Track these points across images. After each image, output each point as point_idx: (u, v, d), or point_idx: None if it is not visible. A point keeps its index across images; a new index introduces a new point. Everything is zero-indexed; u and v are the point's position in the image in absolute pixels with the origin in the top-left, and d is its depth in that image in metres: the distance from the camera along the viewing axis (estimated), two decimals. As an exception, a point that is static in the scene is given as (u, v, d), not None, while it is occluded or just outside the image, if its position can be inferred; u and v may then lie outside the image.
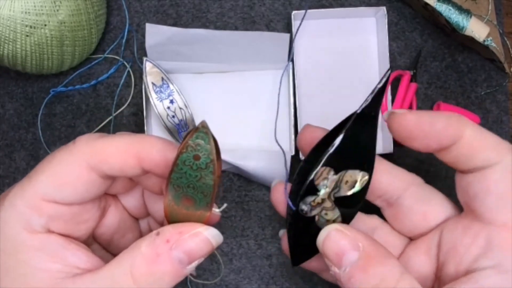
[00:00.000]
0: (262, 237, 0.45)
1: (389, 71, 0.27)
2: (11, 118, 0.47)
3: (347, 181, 0.26)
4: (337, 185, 0.27)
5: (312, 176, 0.26)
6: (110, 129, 0.46)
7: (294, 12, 0.45)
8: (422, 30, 0.48)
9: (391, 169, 0.29)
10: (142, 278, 0.25)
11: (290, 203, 0.27)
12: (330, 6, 0.48)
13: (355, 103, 0.47)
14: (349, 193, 0.26)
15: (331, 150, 0.26)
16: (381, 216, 0.31)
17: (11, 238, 0.26)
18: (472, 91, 0.47)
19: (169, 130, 0.45)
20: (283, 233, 0.31)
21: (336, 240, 0.26)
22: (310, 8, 0.47)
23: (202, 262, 0.27)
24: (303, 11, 0.45)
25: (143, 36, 0.44)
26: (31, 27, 0.39)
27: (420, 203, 0.29)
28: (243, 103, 0.46)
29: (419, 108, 0.47)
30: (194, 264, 0.26)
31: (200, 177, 0.25)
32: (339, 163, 0.26)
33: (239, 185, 0.46)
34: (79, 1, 0.41)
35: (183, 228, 0.26)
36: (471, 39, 0.44)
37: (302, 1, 0.48)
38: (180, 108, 0.45)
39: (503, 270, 0.25)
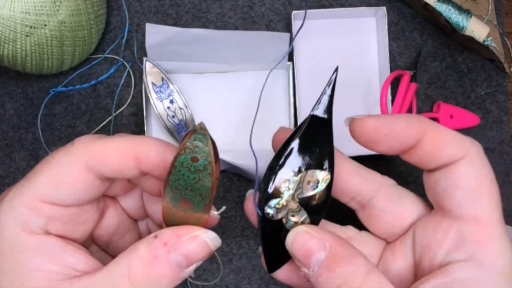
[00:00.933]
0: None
1: (336, 72, 0.27)
2: (11, 118, 0.47)
3: (309, 181, 0.27)
4: (299, 186, 0.27)
5: (273, 180, 0.27)
6: (110, 129, 0.46)
7: (294, 12, 0.45)
8: (422, 30, 0.48)
9: (361, 171, 0.30)
10: (139, 280, 0.25)
11: (257, 209, 0.28)
12: (330, 6, 0.48)
13: (355, 103, 0.47)
14: (312, 193, 0.27)
15: (289, 153, 0.27)
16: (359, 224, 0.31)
17: (10, 239, 0.26)
18: (472, 91, 0.47)
19: (169, 130, 0.45)
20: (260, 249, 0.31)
21: (303, 241, 0.26)
22: (310, 8, 0.47)
23: (202, 263, 0.27)
24: (303, 11, 0.45)
25: (143, 36, 0.44)
26: (31, 27, 0.39)
27: (392, 203, 0.29)
28: (243, 103, 0.46)
29: (419, 108, 0.47)
30: (192, 267, 0.26)
31: (198, 179, 0.25)
32: (299, 165, 0.27)
33: (239, 185, 0.46)
34: (79, 1, 0.41)
35: (181, 231, 0.26)
36: (471, 39, 0.44)
37: (302, 1, 0.48)
38: (180, 108, 0.45)
39: (476, 263, 0.25)
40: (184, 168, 0.25)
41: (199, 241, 0.26)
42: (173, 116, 0.45)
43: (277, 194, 0.27)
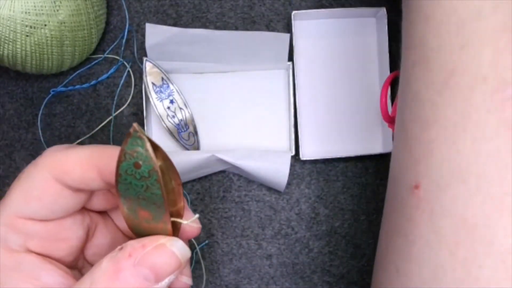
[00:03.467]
0: (262, 237, 0.45)
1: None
2: (11, 118, 0.47)
3: None
4: None
5: None
6: (110, 129, 0.46)
7: (294, 12, 0.45)
8: (422, 30, 0.48)
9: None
10: None
11: None
12: (330, 6, 0.48)
13: (355, 103, 0.47)
14: None
15: None
16: None
17: None
18: (472, 91, 0.47)
19: (169, 130, 0.45)
20: None
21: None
22: (310, 8, 0.47)
23: (201, 261, 0.27)
24: (303, 11, 0.45)
25: (143, 36, 0.44)
26: (31, 27, 0.39)
27: None
28: (243, 103, 0.46)
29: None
30: (164, 282, 0.24)
31: (147, 187, 0.23)
32: None
33: (239, 185, 0.46)
34: (79, 1, 0.41)
35: (146, 241, 0.24)
36: (471, 39, 0.44)
37: (302, 1, 0.48)
38: (180, 108, 0.45)
39: None
40: (129, 175, 0.22)
41: (166, 251, 0.24)
42: (173, 116, 0.45)
43: None
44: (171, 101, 0.45)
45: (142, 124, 0.45)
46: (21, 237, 0.26)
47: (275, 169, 0.42)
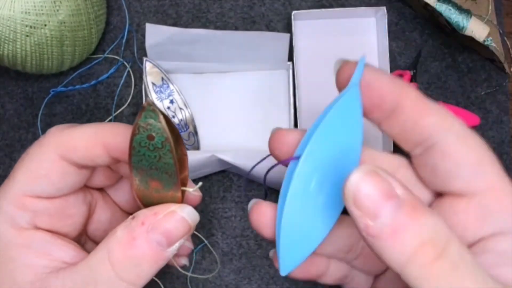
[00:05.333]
0: (262, 237, 0.45)
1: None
2: (11, 118, 0.47)
3: None
4: None
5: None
6: (110, 129, 0.46)
7: (294, 12, 0.45)
8: (422, 30, 0.48)
9: (378, 156, 0.27)
10: (120, 263, 0.25)
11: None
12: (330, 6, 0.48)
13: (355, 103, 0.47)
14: None
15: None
16: None
17: (0, 237, 0.26)
18: (472, 91, 0.47)
19: (169, 130, 0.45)
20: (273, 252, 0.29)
21: (371, 184, 0.21)
22: (310, 8, 0.47)
23: (201, 262, 0.27)
24: (303, 11, 0.45)
25: (143, 36, 0.44)
26: (31, 27, 0.39)
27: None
28: (243, 103, 0.46)
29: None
30: (175, 246, 0.26)
31: (159, 157, 0.24)
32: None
33: (239, 185, 0.46)
34: (79, 1, 0.41)
35: (157, 209, 0.26)
36: (471, 39, 0.44)
37: (302, 1, 0.48)
38: (180, 108, 0.45)
39: (507, 231, 0.23)
40: (142, 147, 0.24)
41: (176, 217, 0.26)
42: (173, 116, 0.45)
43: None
44: (171, 101, 0.45)
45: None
46: (29, 214, 0.27)
47: (275, 168, 0.42)
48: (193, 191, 0.27)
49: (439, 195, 0.26)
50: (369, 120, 0.25)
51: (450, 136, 0.24)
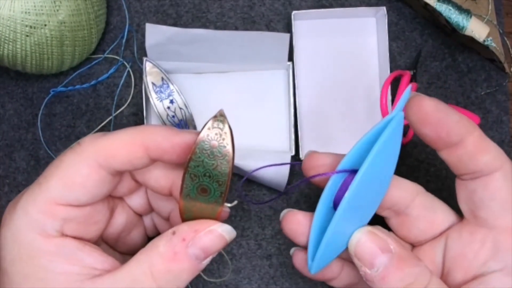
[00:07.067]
0: (262, 237, 0.45)
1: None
2: (11, 118, 0.47)
3: None
4: None
5: None
6: (110, 129, 0.46)
7: (294, 12, 0.45)
8: (422, 30, 0.48)
9: (398, 182, 0.30)
10: (161, 276, 0.26)
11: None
12: (330, 6, 0.48)
13: (355, 103, 0.47)
14: None
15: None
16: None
17: (27, 245, 0.26)
18: (472, 91, 0.47)
19: (169, 130, 0.45)
20: (294, 250, 0.32)
21: (369, 242, 0.27)
22: (310, 8, 0.47)
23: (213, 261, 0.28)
24: (303, 11, 0.45)
25: (143, 36, 0.44)
26: (31, 27, 0.39)
27: (427, 211, 0.30)
28: (243, 103, 0.46)
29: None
30: (209, 258, 0.28)
31: (216, 165, 0.26)
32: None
33: (240, 185, 0.46)
34: (79, 1, 0.41)
35: (198, 226, 0.27)
36: (471, 39, 0.44)
37: (302, 1, 0.48)
38: (180, 108, 0.45)
39: (511, 272, 0.26)
40: (203, 154, 0.26)
41: (215, 234, 0.27)
42: (173, 116, 0.45)
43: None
44: (171, 101, 0.45)
45: (142, 124, 0.45)
46: (59, 222, 0.27)
47: (275, 169, 0.42)
48: (232, 205, 0.29)
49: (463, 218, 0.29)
50: (428, 144, 0.28)
51: (498, 174, 0.27)
